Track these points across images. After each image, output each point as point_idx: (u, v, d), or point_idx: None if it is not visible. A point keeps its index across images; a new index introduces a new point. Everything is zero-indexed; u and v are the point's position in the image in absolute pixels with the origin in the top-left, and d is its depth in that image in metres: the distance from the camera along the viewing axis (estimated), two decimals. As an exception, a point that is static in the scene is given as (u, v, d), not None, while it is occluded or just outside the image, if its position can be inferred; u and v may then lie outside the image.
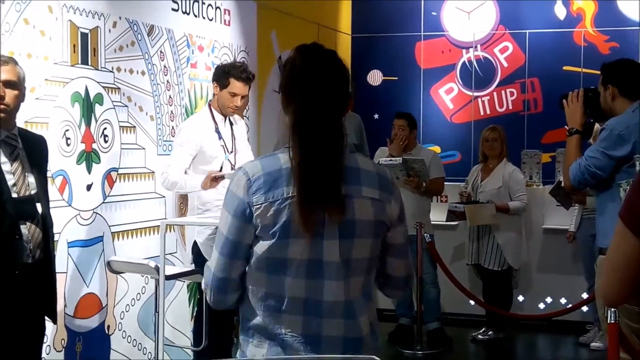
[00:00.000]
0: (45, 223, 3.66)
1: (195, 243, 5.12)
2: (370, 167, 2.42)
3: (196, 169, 5.04)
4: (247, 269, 2.33)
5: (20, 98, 3.67)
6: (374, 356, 1.83)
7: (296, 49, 2.39)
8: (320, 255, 2.27)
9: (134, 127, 5.22)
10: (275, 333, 2.29)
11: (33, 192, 3.63)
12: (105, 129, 4.93)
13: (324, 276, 2.28)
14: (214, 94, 5.19)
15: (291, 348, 2.27)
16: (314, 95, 2.29)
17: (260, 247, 2.27)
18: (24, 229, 3.56)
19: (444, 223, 7.19)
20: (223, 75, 5.06)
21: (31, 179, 3.64)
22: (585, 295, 6.67)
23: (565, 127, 4.35)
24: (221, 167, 5.05)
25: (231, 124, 5.21)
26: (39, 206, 3.63)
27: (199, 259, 5.07)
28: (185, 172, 5.03)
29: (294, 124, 2.30)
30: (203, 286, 2.43)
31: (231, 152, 5.15)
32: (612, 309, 3.46)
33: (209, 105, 5.19)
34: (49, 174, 4.34)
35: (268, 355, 2.27)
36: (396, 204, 2.39)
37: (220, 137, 5.10)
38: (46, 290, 3.73)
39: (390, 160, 6.62)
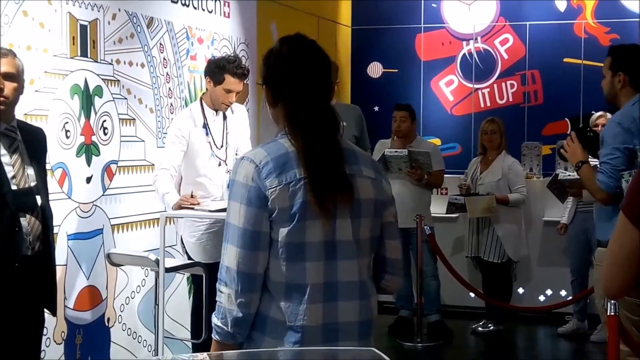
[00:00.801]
0: (44, 215, 3.66)
1: (182, 240, 5.11)
2: (361, 149, 2.53)
3: (186, 166, 5.02)
4: None
5: (19, 90, 3.66)
6: (373, 348, 1.83)
7: (281, 41, 2.43)
8: (333, 236, 2.31)
9: (134, 119, 5.22)
10: (295, 326, 2.28)
11: (32, 184, 3.63)
12: (104, 121, 4.93)
13: (338, 256, 2.33)
14: (206, 88, 5.15)
15: (309, 342, 2.28)
16: (306, 85, 2.35)
17: (278, 233, 2.28)
18: (24, 221, 3.56)
19: (444, 215, 7.18)
20: (217, 71, 4.97)
21: (30, 171, 3.64)
22: (565, 288, 6.80)
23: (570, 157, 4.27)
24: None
25: (224, 117, 5.18)
26: (38, 198, 3.63)
27: (186, 253, 5.09)
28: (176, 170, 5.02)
29: (290, 115, 2.36)
30: (223, 288, 2.31)
31: (221, 147, 5.11)
32: (612, 301, 3.46)
33: (201, 100, 5.15)
34: (48, 166, 4.34)
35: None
36: (387, 183, 2.49)
37: (207, 133, 5.06)
38: (45, 283, 3.73)
39: (396, 152, 6.63)
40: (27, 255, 3.56)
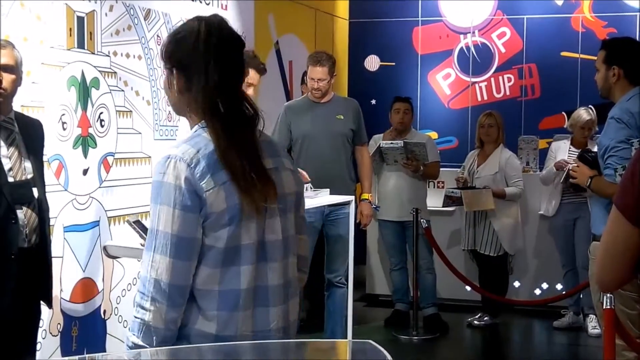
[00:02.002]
0: (41, 207, 3.66)
1: None
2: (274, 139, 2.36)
3: None
4: None
5: (17, 82, 3.66)
6: (370, 341, 1.83)
7: (195, 21, 2.19)
8: (263, 236, 2.16)
9: (131, 111, 5.21)
10: (226, 336, 2.10)
11: (29, 176, 3.63)
12: (101, 113, 4.92)
13: (267, 258, 2.17)
14: None
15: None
16: (225, 69, 2.15)
17: (213, 238, 2.09)
18: (20, 213, 3.56)
19: (441, 209, 7.19)
20: None
21: (27, 164, 3.64)
22: (561, 281, 6.97)
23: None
24: None
25: None
26: (35, 190, 3.64)
27: None
28: None
29: (208, 104, 2.14)
30: (150, 305, 2.07)
31: None
32: (608, 295, 3.47)
33: None
34: (45, 158, 4.33)
35: None
36: (300, 175, 2.35)
37: None
38: (42, 275, 3.73)
39: (391, 143, 6.64)
40: (23, 247, 3.56)
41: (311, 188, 5.08)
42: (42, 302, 3.83)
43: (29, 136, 3.70)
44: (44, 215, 3.69)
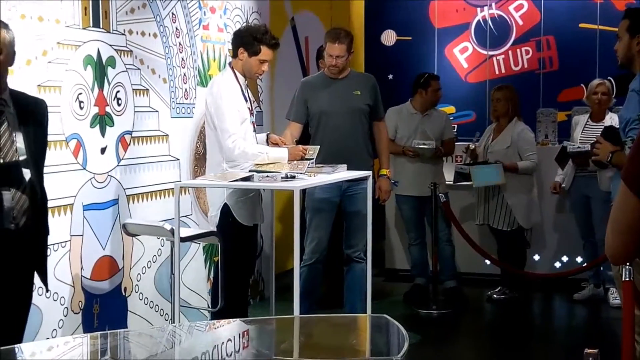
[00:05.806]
0: (33, 189, 3.56)
1: (224, 207, 4.98)
2: None
3: None
4: None
5: (7, 62, 3.51)
6: (385, 315, 1.83)
7: None
8: None
9: (147, 90, 5.22)
10: None
11: (21, 158, 3.52)
12: (118, 92, 4.93)
13: None
14: (234, 57, 5.11)
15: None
16: None
17: None
18: (7, 195, 3.46)
19: (456, 183, 7.15)
20: (253, 42, 4.97)
21: (20, 144, 3.52)
22: (581, 254, 6.99)
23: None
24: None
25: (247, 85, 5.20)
26: (27, 172, 3.53)
27: (224, 220, 4.98)
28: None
29: None
30: None
31: (252, 114, 5.14)
32: (627, 267, 3.45)
33: (232, 68, 5.12)
34: (62, 137, 4.35)
35: None
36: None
37: (247, 99, 5.07)
38: (33, 256, 3.65)
39: (424, 143, 6.73)
40: (9, 229, 3.48)
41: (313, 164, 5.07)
42: (40, 282, 3.76)
43: (26, 116, 3.58)
44: (37, 197, 3.59)
